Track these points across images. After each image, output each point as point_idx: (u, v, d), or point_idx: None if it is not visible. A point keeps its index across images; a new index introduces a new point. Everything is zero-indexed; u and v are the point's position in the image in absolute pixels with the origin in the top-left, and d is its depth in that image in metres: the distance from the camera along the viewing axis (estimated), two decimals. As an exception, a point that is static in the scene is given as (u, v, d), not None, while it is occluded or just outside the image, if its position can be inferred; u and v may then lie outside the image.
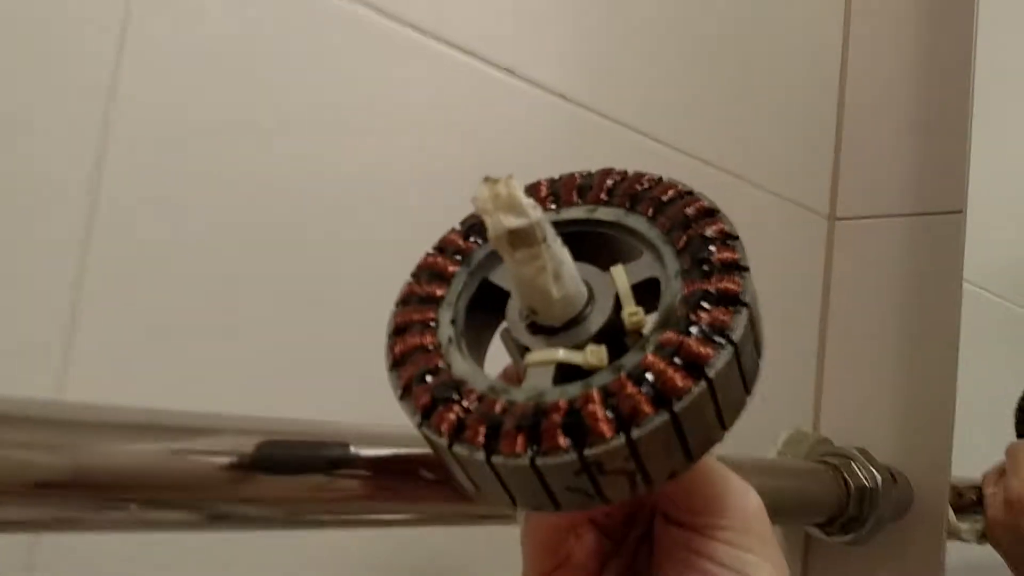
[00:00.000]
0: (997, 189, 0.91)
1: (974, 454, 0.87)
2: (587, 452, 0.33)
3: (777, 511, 0.80)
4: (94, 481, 0.39)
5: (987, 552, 0.85)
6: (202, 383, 0.53)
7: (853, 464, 0.87)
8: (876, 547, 0.89)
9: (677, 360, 0.34)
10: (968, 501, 0.86)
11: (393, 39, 0.61)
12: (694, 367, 0.34)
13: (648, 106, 0.79)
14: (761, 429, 0.89)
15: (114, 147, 0.49)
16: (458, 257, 0.42)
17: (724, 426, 0.36)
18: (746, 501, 0.39)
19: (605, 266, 0.39)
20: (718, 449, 0.37)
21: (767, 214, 0.90)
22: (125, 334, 0.50)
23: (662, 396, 0.33)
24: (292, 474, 0.45)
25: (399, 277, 0.60)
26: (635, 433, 0.33)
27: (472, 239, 0.42)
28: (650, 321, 0.37)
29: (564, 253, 0.37)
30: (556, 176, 0.43)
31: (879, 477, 0.86)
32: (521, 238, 0.35)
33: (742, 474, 0.42)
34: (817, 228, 0.97)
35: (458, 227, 0.43)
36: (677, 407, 0.33)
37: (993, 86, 0.90)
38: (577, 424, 0.33)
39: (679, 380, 0.33)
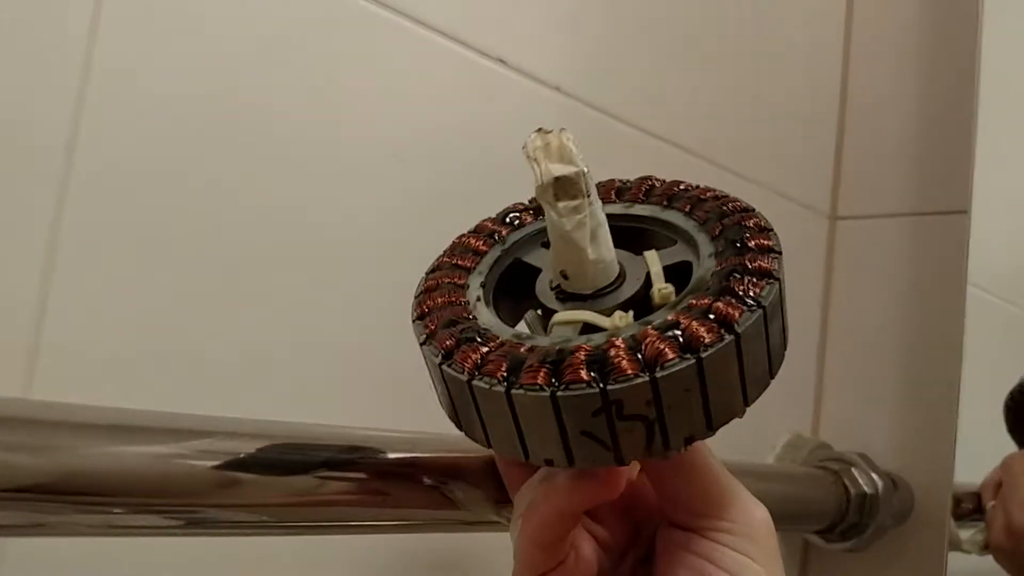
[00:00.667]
0: (1002, 189, 0.90)
1: (977, 459, 0.86)
2: (610, 387, 0.33)
3: (775, 518, 0.78)
4: (76, 485, 0.38)
5: (988, 561, 0.83)
6: (177, 384, 0.51)
7: (853, 470, 0.86)
8: (876, 554, 0.88)
9: (708, 317, 0.34)
10: (966, 510, 0.85)
11: (379, 26, 0.60)
12: (723, 323, 0.34)
13: (646, 101, 0.77)
14: (759, 433, 0.87)
15: (86, 132, 0.48)
16: (493, 238, 0.43)
17: (746, 400, 0.36)
18: (752, 509, 0.38)
19: (640, 254, 0.40)
20: (723, 447, 0.37)
21: (766, 212, 0.88)
22: (94, 332, 0.48)
23: (689, 345, 0.33)
24: (279, 476, 0.44)
25: (389, 268, 0.58)
26: (659, 373, 0.33)
27: (507, 222, 0.44)
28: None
29: (603, 218, 0.37)
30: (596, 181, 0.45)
31: (880, 483, 0.85)
32: (566, 187, 0.36)
33: (739, 477, 0.41)
34: (818, 227, 0.96)
35: (493, 216, 0.45)
36: (704, 354, 0.33)
37: (998, 83, 0.88)
38: (602, 361, 0.33)
39: (706, 332, 0.34)
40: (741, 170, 0.86)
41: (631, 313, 0.37)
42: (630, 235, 0.41)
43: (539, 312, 0.40)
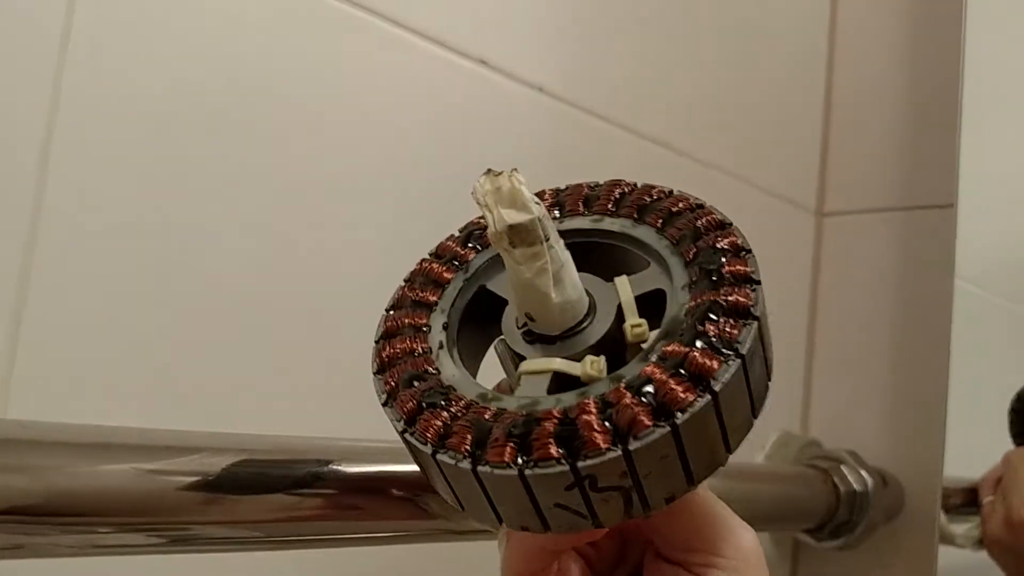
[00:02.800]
0: (989, 182, 0.89)
1: (967, 454, 0.85)
2: (580, 464, 0.31)
3: (765, 517, 0.79)
4: (55, 506, 0.38)
5: (980, 556, 0.83)
6: (153, 402, 0.51)
7: (843, 467, 0.86)
8: (867, 552, 0.88)
9: (681, 371, 0.32)
10: (953, 504, 0.85)
11: (357, 28, 0.59)
12: (699, 379, 0.32)
13: (629, 99, 0.77)
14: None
15: (60, 139, 0.47)
16: (455, 263, 0.40)
17: (729, 448, 0.34)
18: (741, 540, 0.38)
19: (610, 278, 0.38)
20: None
21: (752, 210, 0.88)
22: (68, 352, 0.48)
23: (664, 408, 0.32)
24: (254, 494, 0.43)
25: (371, 272, 0.58)
26: (633, 445, 0.31)
27: (471, 245, 0.41)
28: (654, 335, 0.35)
29: (566, 256, 0.35)
30: (562, 186, 0.42)
31: (869, 480, 0.85)
32: (522, 235, 0.34)
33: (728, 479, 0.41)
34: (804, 224, 0.95)
35: (456, 234, 0.42)
36: (680, 419, 0.31)
37: (982, 76, 0.88)
38: (571, 434, 0.32)
39: (681, 392, 0.32)
40: (727, 167, 0.85)
41: (602, 358, 0.35)
42: (600, 253, 0.39)
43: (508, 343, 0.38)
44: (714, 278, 0.35)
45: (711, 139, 0.84)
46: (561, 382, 0.35)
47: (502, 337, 0.38)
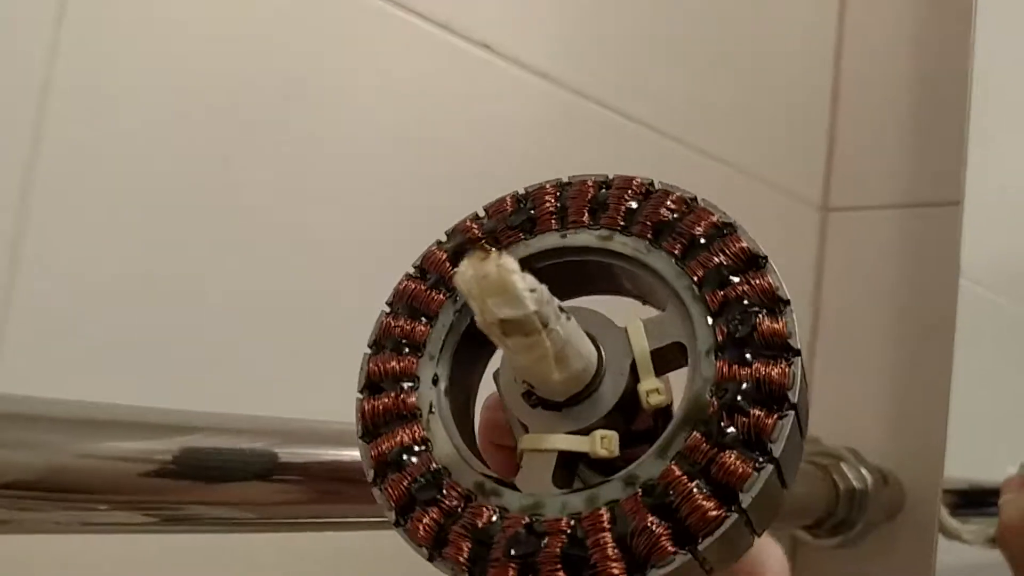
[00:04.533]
0: (996, 181, 0.89)
1: (969, 454, 0.85)
2: None
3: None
4: (46, 482, 0.38)
5: (979, 554, 0.83)
6: (143, 376, 0.50)
7: (843, 465, 0.86)
8: (866, 550, 0.87)
9: (705, 483, 0.29)
10: (954, 503, 0.84)
11: (360, 11, 0.59)
12: (726, 491, 0.29)
13: (636, 90, 0.76)
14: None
15: (53, 117, 0.46)
16: (442, 289, 0.35)
17: (756, 534, 0.31)
18: (775, 561, 0.35)
19: (616, 292, 0.34)
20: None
21: (756, 203, 0.88)
22: (59, 322, 0.47)
23: (686, 530, 0.29)
24: (254, 477, 0.43)
25: (371, 255, 0.57)
26: (651, 574, 0.29)
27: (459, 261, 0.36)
28: (674, 409, 0.31)
29: (569, 328, 0.30)
30: (565, 179, 0.36)
31: (869, 478, 0.85)
32: (515, 327, 0.29)
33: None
34: (809, 219, 0.95)
35: (444, 240, 0.36)
36: (702, 545, 0.29)
37: (991, 72, 0.87)
38: (581, 560, 0.29)
39: (709, 510, 0.29)
40: (732, 160, 0.85)
41: (615, 435, 0.31)
42: (608, 272, 0.34)
43: None
44: (747, 353, 0.31)
45: (717, 131, 0.84)
46: (568, 455, 0.32)
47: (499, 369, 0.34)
